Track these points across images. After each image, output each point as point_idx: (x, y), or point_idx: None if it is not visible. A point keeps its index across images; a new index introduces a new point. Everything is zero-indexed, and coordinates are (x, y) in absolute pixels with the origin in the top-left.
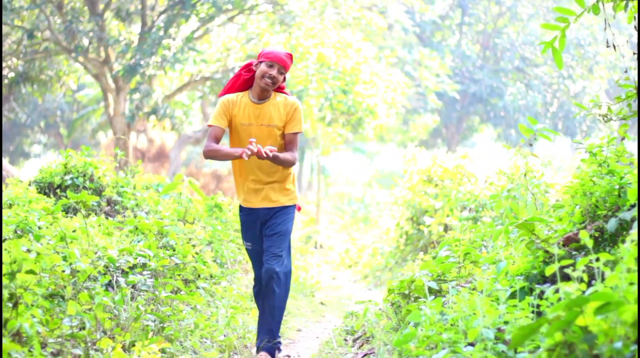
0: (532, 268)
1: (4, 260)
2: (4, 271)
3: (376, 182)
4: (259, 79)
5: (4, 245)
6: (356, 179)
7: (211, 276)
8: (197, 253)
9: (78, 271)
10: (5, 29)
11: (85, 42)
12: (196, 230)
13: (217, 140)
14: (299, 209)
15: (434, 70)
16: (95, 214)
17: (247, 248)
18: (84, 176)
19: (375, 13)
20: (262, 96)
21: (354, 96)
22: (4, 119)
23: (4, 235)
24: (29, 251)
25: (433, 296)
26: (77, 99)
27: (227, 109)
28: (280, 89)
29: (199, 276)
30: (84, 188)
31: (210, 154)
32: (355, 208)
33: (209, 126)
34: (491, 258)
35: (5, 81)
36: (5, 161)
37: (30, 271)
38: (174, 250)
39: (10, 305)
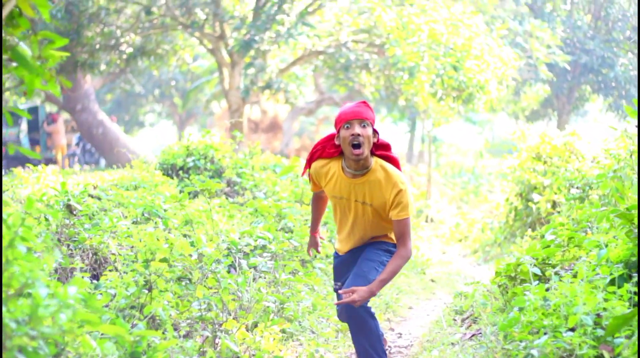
0: (632, 256)
1: (138, 247)
2: (139, 258)
3: (487, 152)
4: (347, 151)
5: (136, 229)
6: (467, 148)
7: (327, 256)
8: None
9: (204, 256)
10: (122, 4)
11: (201, 17)
12: None
13: (321, 196)
14: None
15: (545, 41)
16: (217, 195)
17: (336, 288)
18: (205, 158)
19: None
20: (357, 167)
21: (464, 71)
22: (119, 91)
23: (133, 217)
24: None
25: (537, 282)
26: (192, 70)
27: (316, 180)
28: (382, 150)
29: (316, 256)
30: (205, 169)
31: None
32: (466, 179)
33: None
34: (594, 242)
35: (124, 56)
36: (121, 130)
37: (163, 260)
38: (292, 232)
39: (146, 290)
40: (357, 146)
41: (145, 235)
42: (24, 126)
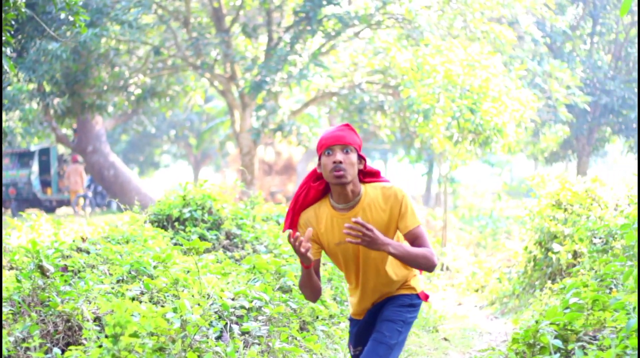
0: None
1: (108, 321)
2: (107, 332)
3: (505, 194)
4: (329, 179)
5: (119, 289)
6: (485, 190)
7: (330, 317)
8: None
9: (188, 323)
10: (131, 45)
11: (211, 58)
12: None
13: (311, 274)
14: (426, 298)
15: (565, 82)
16: (214, 248)
17: (354, 354)
18: (203, 208)
19: (504, 26)
20: (347, 198)
21: (481, 114)
22: (132, 132)
23: (119, 275)
24: (137, 299)
25: (558, 354)
26: (206, 111)
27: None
28: (370, 178)
29: (317, 317)
30: (203, 221)
31: (304, 294)
32: (484, 223)
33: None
34: (621, 304)
35: (132, 97)
36: (133, 172)
37: (134, 335)
38: (290, 291)
39: None
40: (341, 173)
41: (113, 306)
42: (35, 167)
